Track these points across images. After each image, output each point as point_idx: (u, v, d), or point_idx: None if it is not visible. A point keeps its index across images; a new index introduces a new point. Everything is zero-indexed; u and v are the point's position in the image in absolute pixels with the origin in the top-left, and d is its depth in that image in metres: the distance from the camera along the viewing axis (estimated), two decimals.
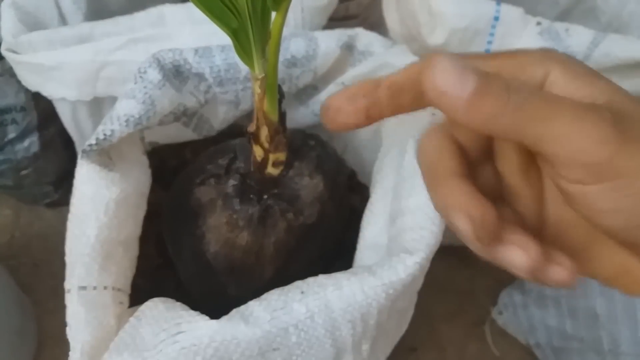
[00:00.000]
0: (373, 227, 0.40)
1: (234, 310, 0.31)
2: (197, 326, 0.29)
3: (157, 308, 0.32)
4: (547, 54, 0.20)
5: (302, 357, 0.32)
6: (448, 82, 0.17)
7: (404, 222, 0.36)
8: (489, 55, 0.21)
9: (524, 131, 0.17)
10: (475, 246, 0.19)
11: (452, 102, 0.17)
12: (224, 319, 0.30)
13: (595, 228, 0.19)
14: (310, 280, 0.33)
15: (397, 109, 0.21)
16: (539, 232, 0.22)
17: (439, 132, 0.22)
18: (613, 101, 0.18)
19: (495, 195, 0.22)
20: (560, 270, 0.19)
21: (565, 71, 0.19)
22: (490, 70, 0.18)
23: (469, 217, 0.18)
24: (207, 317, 0.30)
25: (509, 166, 0.22)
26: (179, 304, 0.32)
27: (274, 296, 0.32)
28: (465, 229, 0.18)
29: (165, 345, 0.29)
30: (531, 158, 0.21)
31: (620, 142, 0.17)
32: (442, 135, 0.22)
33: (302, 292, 0.31)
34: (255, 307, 0.31)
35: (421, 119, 0.37)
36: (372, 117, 0.22)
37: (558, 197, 0.20)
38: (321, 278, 0.32)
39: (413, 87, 0.20)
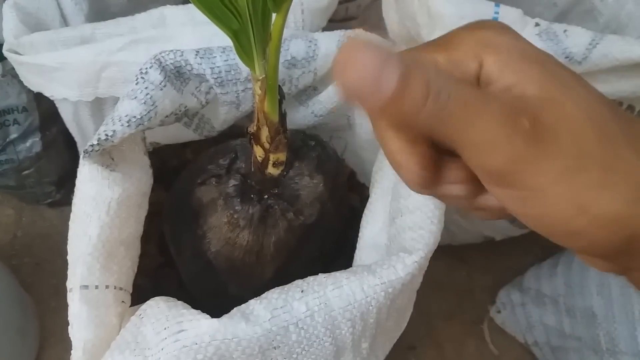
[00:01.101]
0: (372, 227, 0.40)
1: (235, 309, 0.32)
2: (198, 325, 0.30)
3: (158, 307, 0.32)
4: (480, 43, 0.19)
5: (302, 356, 0.32)
6: (364, 82, 0.15)
7: (403, 221, 0.36)
8: (422, 47, 0.20)
9: (439, 134, 0.17)
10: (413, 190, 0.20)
11: (366, 102, 0.16)
12: (225, 317, 0.31)
13: None
14: (310, 279, 0.33)
15: None
16: None
17: None
18: (542, 92, 0.18)
19: None
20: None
21: (498, 60, 0.18)
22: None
23: (409, 173, 0.19)
24: (208, 316, 0.30)
25: None
26: (180, 302, 0.33)
27: (274, 295, 0.32)
28: (405, 180, 0.20)
29: (167, 343, 0.29)
30: None
31: (531, 160, 0.17)
32: None
33: (302, 291, 0.32)
34: (256, 306, 0.31)
35: None
36: None
37: None
38: (321, 277, 0.33)
39: None
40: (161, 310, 0.31)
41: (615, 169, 0.17)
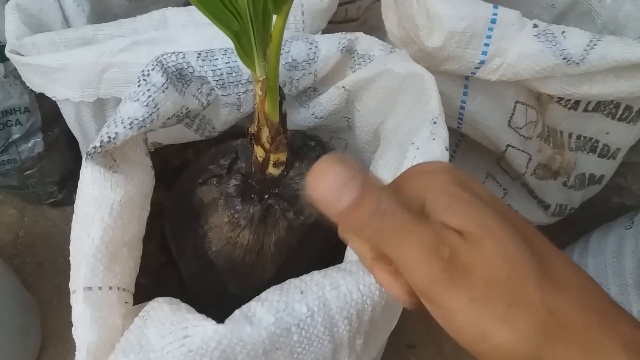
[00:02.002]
0: None
1: (237, 312, 0.32)
2: (204, 330, 0.30)
3: (162, 309, 0.32)
4: (422, 187, 0.22)
5: (302, 355, 0.33)
6: (328, 193, 0.19)
7: None
8: (384, 186, 0.22)
9: (382, 248, 0.20)
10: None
11: (326, 209, 0.19)
12: (230, 322, 0.30)
13: None
14: (307, 278, 0.33)
15: None
16: None
17: None
18: (466, 228, 0.20)
19: None
20: None
21: (434, 200, 0.21)
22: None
23: (399, 298, 0.23)
24: (212, 321, 0.30)
25: None
26: (184, 305, 0.32)
27: (274, 297, 0.32)
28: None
29: (172, 347, 0.29)
30: None
31: (445, 284, 0.20)
32: None
33: (302, 292, 0.32)
34: (258, 309, 0.31)
35: (420, 121, 0.38)
36: None
37: None
38: (317, 276, 0.33)
39: None
40: (165, 314, 0.31)
41: (517, 305, 0.19)
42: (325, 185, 0.18)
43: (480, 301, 0.19)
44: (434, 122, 0.36)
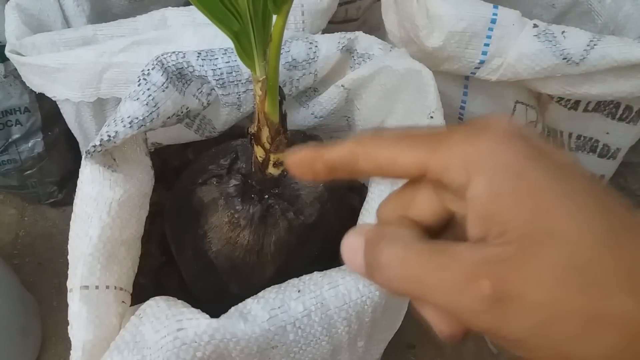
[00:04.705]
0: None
1: (233, 309, 0.32)
2: (197, 323, 0.30)
3: (158, 306, 0.32)
4: (470, 160, 0.17)
5: (299, 355, 0.33)
6: (349, 259, 0.20)
7: None
8: (411, 137, 0.19)
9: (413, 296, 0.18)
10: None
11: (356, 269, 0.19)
12: (224, 317, 0.31)
13: None
14: (306, 278, 0.33)
15: (334, 177, 0.22)
16: None
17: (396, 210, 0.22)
18: (519, 241, 0.16)
19: None
20: None
21: (489, 187, 0.17)
22: (415, 163, 0.19)
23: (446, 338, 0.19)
24: (207, 315, 0.30)
25: None
26: (180, 301, 0.33)
27: (271, 295, 0.32)
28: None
29: (166, 341, 0.29)
30: None
31: (497, 320, 0.16)
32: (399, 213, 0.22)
33: (299, 291, 0.32)
34: (254, 306, 0.31)
35: (418, 116, 0.38)
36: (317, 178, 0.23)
37: None
38: (316, 276, 0.33)
39: (346, 168, 0.21)
40: (161, 309, 0.31)
41: (601, 318, 0.16)
42: (347, 256, 0.20)
43: (548, 324, 0.16)
44: (431, 117, 0.37)
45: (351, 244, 0.20)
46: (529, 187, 0.17)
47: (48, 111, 0.62)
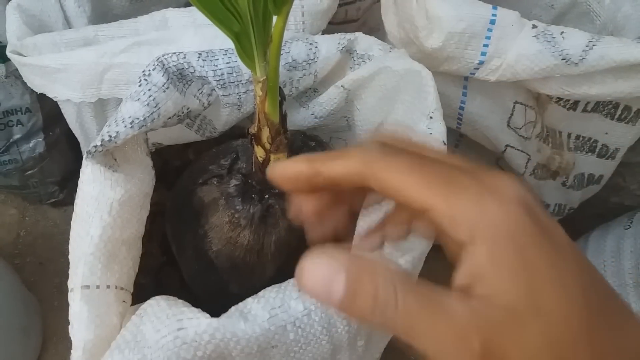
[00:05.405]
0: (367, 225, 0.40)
1: (233, 308, 0.32)
2: (198, 323, 0.30)
3: (159, 305, 0.32)
4: (478, 225, 0.18)
5: (299, 354, 0.33)
6: (317, 287, 0.18)
7: None
8: (426, 173, 0.19)
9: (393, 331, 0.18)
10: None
11: (325, 304, 0.18)
12: (224, 316, 0.31)
13: None
14: None
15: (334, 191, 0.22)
16: None
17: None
18: (510, 306, 0.17)
19: None
20: None
21: (490, 255, 0.18)
22: (421, 208, 0.18)
23: None
24: (207, 315, 0.30)
25: None
26: (181, 301, 0.33)
27: (271, 294, 0.32)
28: None
29: (167, 341, 0.30)
30: None
31: None
32: None
33: (299, 290, 0.32)
34: (254, 305, 0.31)
35: (418, 123, 0.38)
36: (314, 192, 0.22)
37: None
38: None
39: (352, 184, 0.21)
40: (162, 309, 0.31)
41: None
42: (314, 281, 0.18)
43: None
44: (430, 117, 0.37)
45: (321, 272, 0.18)
46: (526, 263, 0.17)
47: (49, 111, 0.62)
